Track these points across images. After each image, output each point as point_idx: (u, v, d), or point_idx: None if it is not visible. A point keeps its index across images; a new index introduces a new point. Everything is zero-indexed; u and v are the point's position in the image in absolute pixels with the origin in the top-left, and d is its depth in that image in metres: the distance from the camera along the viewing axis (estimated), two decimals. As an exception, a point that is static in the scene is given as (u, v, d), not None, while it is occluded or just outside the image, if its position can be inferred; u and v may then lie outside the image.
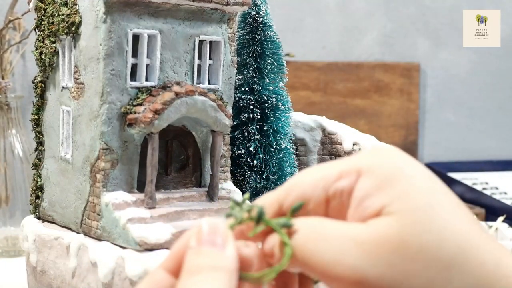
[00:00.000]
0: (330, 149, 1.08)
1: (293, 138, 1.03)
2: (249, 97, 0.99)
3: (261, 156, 0.98)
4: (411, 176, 0.39)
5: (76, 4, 0.85)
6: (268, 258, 0.41)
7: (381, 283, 0.37)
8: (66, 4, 0.88)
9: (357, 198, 0.39)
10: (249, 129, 0.98)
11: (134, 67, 0.85)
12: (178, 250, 0.40)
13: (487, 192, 1.68)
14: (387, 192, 0.39)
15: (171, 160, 0.90)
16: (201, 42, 0.90)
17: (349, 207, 0.40)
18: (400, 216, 0.38)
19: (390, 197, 0.38)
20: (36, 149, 0.96)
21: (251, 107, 0.98)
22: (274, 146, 0.98)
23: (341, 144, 1.07)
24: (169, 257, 0.40)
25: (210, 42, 0.91)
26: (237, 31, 0.98)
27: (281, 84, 1.01)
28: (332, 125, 1.08)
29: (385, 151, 0.41)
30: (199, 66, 0.90)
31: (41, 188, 0.95)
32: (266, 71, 0.99)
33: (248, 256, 0.40)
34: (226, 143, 0.94)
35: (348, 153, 1.07)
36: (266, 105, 0.99)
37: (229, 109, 0.93)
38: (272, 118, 0.99)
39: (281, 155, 0.99)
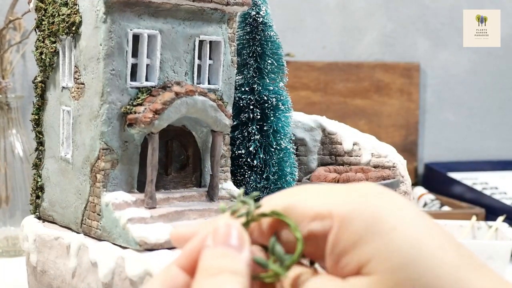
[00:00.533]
0: (330, 149, 1.08)
1: (293, 138, 1.03)
2: (249, 97, 0.99)
3: (261, 156, 0.98)
4: (390, 228, 0.36)
5: (76, 4, 0.85)
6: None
7: None
8: (66, 4, 0.88)
9: (334, 253, 0.37)
10: (249, 129, 0.98)
11: (134, 67, 0.85)
12: (193, 248, 0.39)
13: (487, 192, 1.68)
14: (364, 250, 0.36)
15: (171, 160, 0.90)
16: (201, 42, 0.90)
17: (326, 255, 0.38)
18: (379, 277, 0.35)
19: (367, 255, 0.36)
20: (36, 149, 0.96)
21: (251, 107, 0.98)
22: (274, 146, 0.98)
23: (341, 144, 1.07)
24: (183, 254, 0.40)
25: (210, 42, 0.91)
26: (237, 31, 0.98)
27: (281, 84, 1.01)
28: (332, 125, 1.09)
29: (364, 193, 0.38)
30: (199, 66, 0.90)
31: (41, 188, 0.95)
32: (266, 71, 1.00)
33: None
34: (226, 143, 0.94)
35: (348, 153, 1.07)
36: (266, 105, 0.99)
37: (229, 109, 0.93)
38: (272, 118, 0.99)
39: (281, 155, 0.99)
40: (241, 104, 0.99)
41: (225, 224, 0.39)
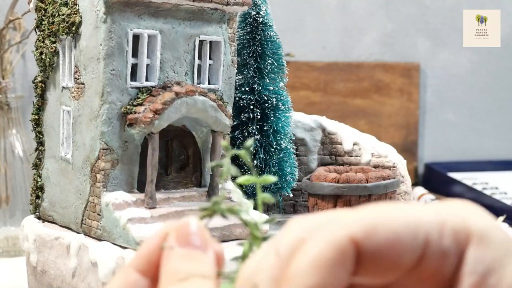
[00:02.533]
0: (330, 149, 1.08)
1: (293, 138, 1.03)
2: (249, 97, 0.99)
3: (261, 156, 0.98)
4: None
5: (76, 4, 0.85)
6: None
7: None
8: (66, 4, 0.88)
9: (477, 272, 0.32)
10: (249, 129, 0.98)
11: (134, 67, 0.85)
12: (151, 249, 0.36)
13: (487, 192, 1.67)
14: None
15: (171, 160, 0.90)
16: (201, 42, 0.90)
17: (460, 275, 0.32)
18: None
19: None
20: (37, 149, 0.96)
21: (251, 107, 0.98)
22: (274, 146, 0.98)
23: (341, 144, 1.07)
24: (140, 256, 0.36)
25: (210, 42, 0.91)
26: (237, 31, 0.98)
27: (281, 84, 1.01)
28: (332, 125, 1.09)
29: (477, 211, 0.33)
30: (199, 66, 0.90)
31: (41, 188, 0.95)
32: (266, 71, 1.00)
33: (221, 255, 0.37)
34: (226, 143, 0.94)
35: (348, 153, 1.07)
36: (266, 105, 0.99)
37: (229, 109, 0.93)
38: (272, 118, 0.99)
39: (281, 155, 0.99)
40: (241, 104, 0.99)
41: (186, 223, 0.36)
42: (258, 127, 0.98)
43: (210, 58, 0.91)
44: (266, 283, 0.31)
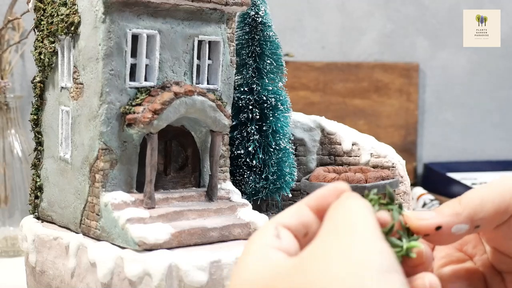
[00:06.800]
0: (329, 149, 1.08)
1: (292, 138, 1.03)
2: (248, 97, 0.99)
3: (260, 156, 0.98)
4: None
5: (75, 4, 0.85)
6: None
7: None
8: (65, 4, 0.88)
9: None
10: (248, 129, 0.98)
11: (133, 67, 0.85)
12: (326, 197, 0.44)
13: (487, 192, 1.67)
14: None
15: (170, 160, 0.90)
16: (200, 42, 0.90)
17: None
18: None
19: None
20: (35, 149, 0.96)
21: (250, 107, 0.98)
22: (273, 146, 0.98)
23: (340, 144, 1.07)
24: (314, 200, 0.44)
25: (209, 42, 0.91)
26: (236, 31, 0.98)
27: (280, 84, 1.01)
28: (331, 125, 1.08)
29: None
30: (198, 66, 0.90)
31: (40, 188, 0.95)
32: (265, 71, 0.99)
33: None
34: (225, 143, 0.94)
35: (347, 153, 1.07)
36: (265, 105, 0.99)
37: (228, 109, 0.93)
38: (271, 118, 0.99)
39: (280, 155, 0.99)
40: (240, 104, 0.99)
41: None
42: (257, 127, 0.98)
43: (209, 58, 0.91)
44: None
